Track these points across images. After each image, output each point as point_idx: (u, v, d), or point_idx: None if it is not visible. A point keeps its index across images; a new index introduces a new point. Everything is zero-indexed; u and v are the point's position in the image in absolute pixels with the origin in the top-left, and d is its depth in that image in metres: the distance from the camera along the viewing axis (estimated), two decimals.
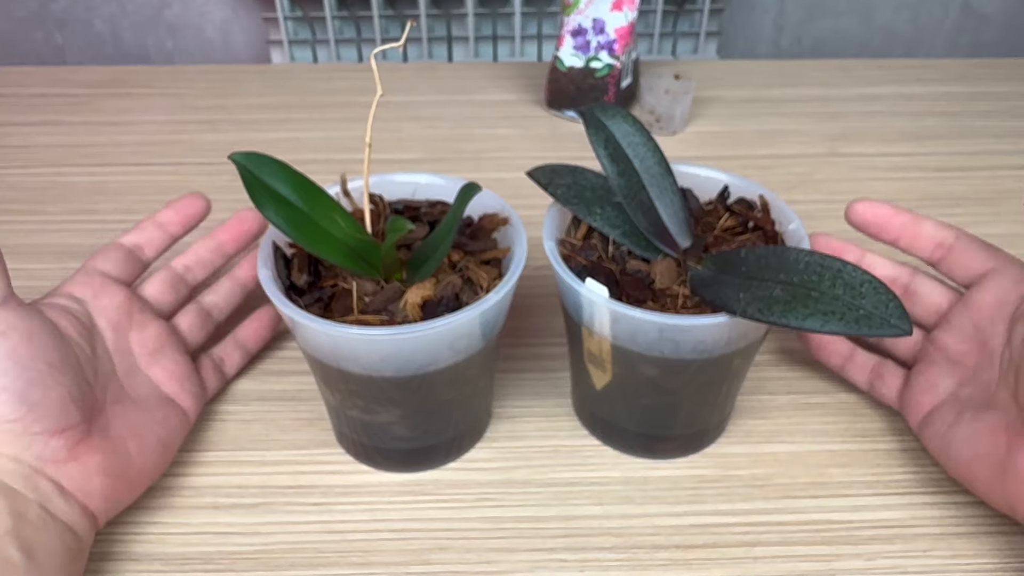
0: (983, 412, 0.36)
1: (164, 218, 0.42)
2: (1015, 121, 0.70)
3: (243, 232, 0.43)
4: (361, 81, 0.76)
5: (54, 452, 0.32)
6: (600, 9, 0.66)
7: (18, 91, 0.73)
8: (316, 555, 0.36)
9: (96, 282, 0.38)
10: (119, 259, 0.40)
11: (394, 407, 0.37)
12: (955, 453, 0.36)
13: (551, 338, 0.48)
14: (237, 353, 0.44)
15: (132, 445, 0.35)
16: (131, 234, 0.41)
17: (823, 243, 0.41)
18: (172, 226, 0.42)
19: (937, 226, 0.40)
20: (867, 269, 0.40)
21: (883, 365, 0.42)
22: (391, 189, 0.42)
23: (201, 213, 0.43)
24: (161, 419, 0.37)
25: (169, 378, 0.39)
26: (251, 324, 0.45)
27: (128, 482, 0.35)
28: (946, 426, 0.37)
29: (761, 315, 0.32)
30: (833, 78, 0.77)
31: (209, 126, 0.69)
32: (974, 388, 0.37)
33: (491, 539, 0.37)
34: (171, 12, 0.88)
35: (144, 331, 0.39)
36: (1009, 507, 0.34)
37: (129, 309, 0.39)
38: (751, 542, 0.37)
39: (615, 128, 0.40)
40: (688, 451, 0.41)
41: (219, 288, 0.44)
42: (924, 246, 0.40)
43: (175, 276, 0.42)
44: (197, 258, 0.43)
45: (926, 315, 0.40)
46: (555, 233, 0.39)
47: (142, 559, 0.36)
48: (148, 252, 0.41)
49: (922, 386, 0.39)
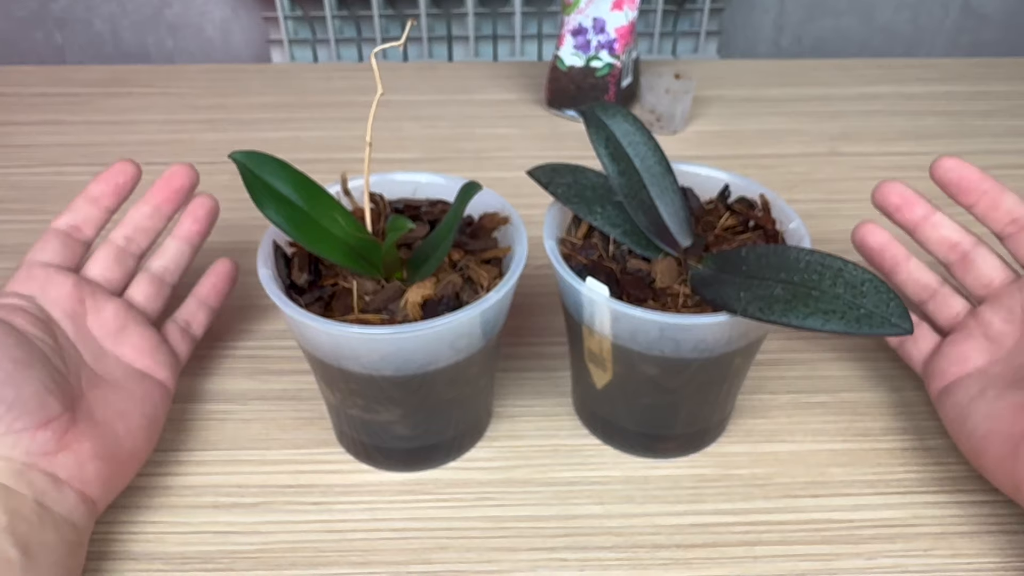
0: (1008, 391, 0.35)
1: (95, 192, 0.40)
2: (1015, 121, 0.70)
3: (177, 190, 0.42)
4: (361, 80, 0.76)
5: (43, 445, 0.32)
6: (600, 8, 0.66)
7: (18, 91, 0.73)
8: (316, 554, 0.36)
9: (40, 275, 0.37)
10: (57, 246, 0.39)
11: (394, 406, 0.37)
12: (971, 425, 0.36)
13: (551, 337, 0.48)
14: (201, 312, 0.43)
15: (119, 426, 0.35)
16: (64, 216, 0.39)
17: (895, 192, 0.40)
18: (105, 199, 0.40)
19: (1019, 202, 0.39)
20: (933, 227, 0.40)
21: (919, 326, 0.41)
22: (391, 188, 0.42)
23: (132, 180, 0.41)
24: (141, 396, 0.37)
25: (139, 354, 0.38)
26: (208, 280, 0.44)
27: (121, 463, 0.35)
28: (968, 398, 0.37)
29: (762, 314, 0.32)
30: (833, 78, 0.77)
31: (209, 125, 0.69)
32: (1005, 367, 0.37)
33: (492, 538, 0.37)
34: (171, 12, 0.88)
35: (101, 314, 0.38)
36: (1013, 488, 0.34)
37: (80, 295, 0.38)
38: (752, 541, 0.37)
39: (616, 127, 0.40)
40: (689, 450, 0.41)
41: (166, 251, 0.42)
42: (999, 217, 0.39)
43: (118, 250, 0.40)
44: (136, 226, 0.41)
45: (977, 286, 0.40)
46: (555, 232, 0.39)
47: (142, 558, 0.36)
48: (87, 231, 0.40)
49: (953, 356, 0.39)
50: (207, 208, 0.43)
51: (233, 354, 0.46)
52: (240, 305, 0.50)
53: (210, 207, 0.43)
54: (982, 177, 0.39)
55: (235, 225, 0.56)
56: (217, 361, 0.46)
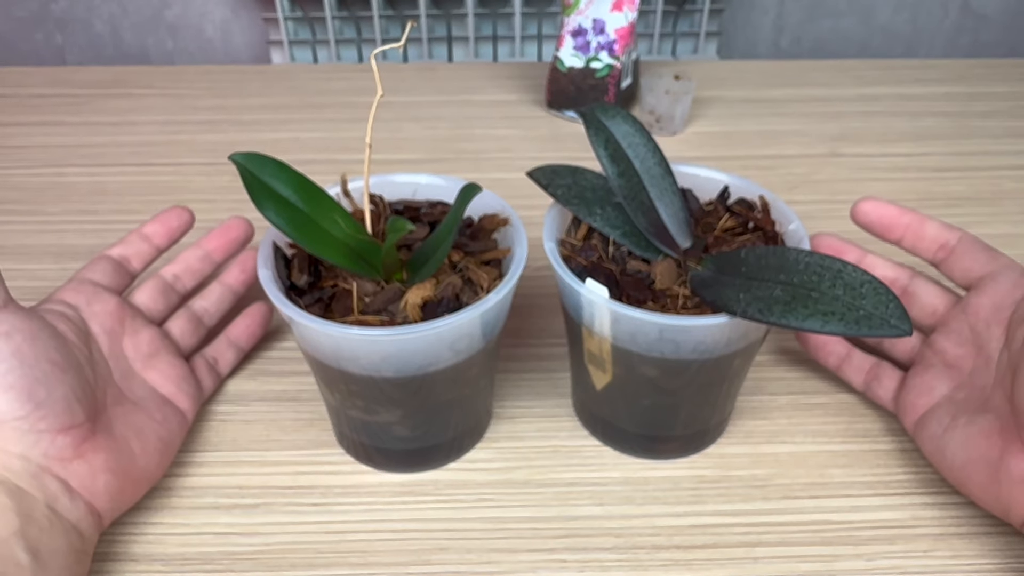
0: (978, 416, 0.35)
1: (149, 231, 0.42)
2: (1015, 121, 0.70)
3: (230, 240, 0.44)
4: (361, 81, 0.76)
5: (60, 450, 0.33)
6: (600, 9, 0.66)
7: (18, 91, 0.74)
8: (316, 555, 0.36)
9: (87, 290, 0.39)
10: (107, 270, 0.40)
11: (394, 407, 0.37)
12: (950, 456, 0.36)
13: (551, 338, 0.48)
14: (230, 352, 0.44)
15: (135, 444, 0.36)
16: (117, 247, 0.42)
17: (825, 243, 0.41)
18: (157, 238, 0.43)
19: (941, 227, 0.40)
20: (867, 269, 0.40)
21: (880, 367, 0.42)
22: (391, 189, 0.42)
23: (185, 226, 0.43)
24: (161, 420, 0.38)
25: (165, 380, 0.39)
26: (242, 322, 0.45)
27: (132, 481, 0.35)
28: (941, 429, 0.37)
29: (761, 316, 0.32)
30: (833, 78, 0.77)
31: (209, 126, 0.69)
32: (969, 392, 0.37)
33: (491, 539, 0.37)
34: (171, 12, 0.88)
35: (137, 336, 0.39)
36: (1003, 511, 0.34)
37: (121, 315, 0.39)
38: (751, 542, 0.37)
39: (615, 128, 0.40)
40: (688, 451, 0.41)
41: (209, 294, 0.44)
42: (927, 247, 0.40)
43: (165, 284, 0.42)
44: (186, 267, 0.43)
45: (924, 317, 0.40)
46: (555, 233, 0.39)
47: (142, 559, 0.36)
48: (135, 264, 0.42)
49: (918, 389, 0.39)
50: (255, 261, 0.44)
51: None
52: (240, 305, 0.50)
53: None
54: (900, 211, 0.40)
55: None
56: None
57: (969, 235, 0.40)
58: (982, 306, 0.38)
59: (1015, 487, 0.33)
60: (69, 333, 0.36)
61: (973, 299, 0.38)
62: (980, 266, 0.39)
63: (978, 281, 0.39)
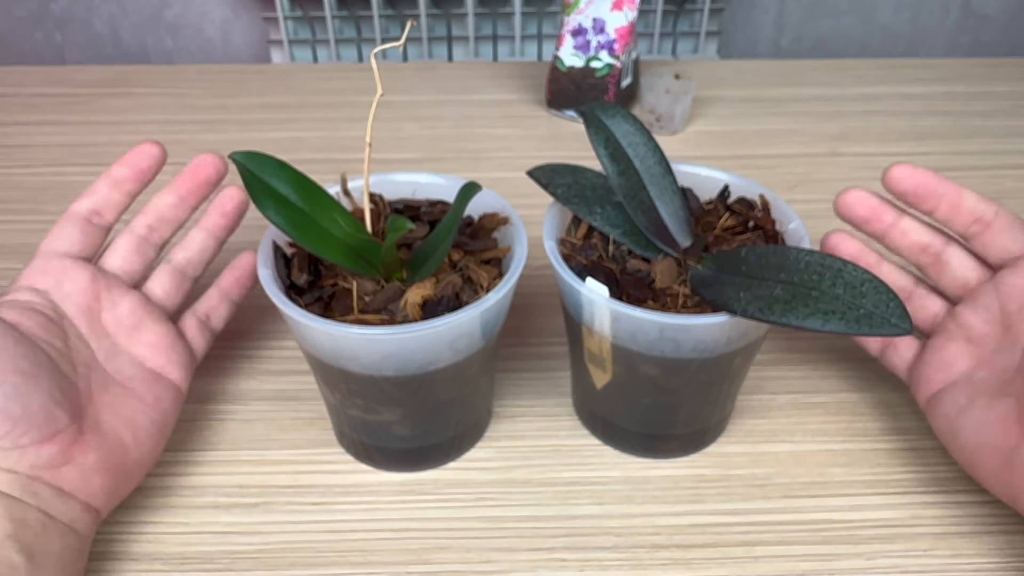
0: (996, 400, 0.35)
1: (118, 175, 0.38)
2: (1015, 121, 0.70)
3: (204, 181, 0.40)
4: (361, 81, 0.76)
5: (48, 459, 0.32)
6: (600, 9, 0.66)
7: (18, 91, 0.74)
8: (316, 555, 0.36)
9: (55, 267, 0.36)
10: (76, 234, 0.37)
11: (394, 406, 0.37)
12: (962, 439, 0.35)
13: (551, 337, 0.48)
14: (223, 306, 0.41)
15: (127, 436, 0.35)
16: (85, 199, 0.38)
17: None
18: (128, 183, 0.38)
19: (979, 200, 0.38)
20: (902, 235, 0.39)
21: None
22: (391, 189, 0.42)
23: (156, 163, 0.39)
24: (153, 401, 0.36)
25: (153, 352, 0.37)
26: (232, 273, 0.42)
27: (127, 473, 0.35)
28: (957, 409, 0.36)
29: (761, 314, 0.32)
30: (833, 78, 0.77)
31: (209, 126, 0.69)
32: (990, 372, 0.36)
33: (491, 539, 0.37)
34: (171, 12, 0.88)
35: (116, 308, 0.37)
36: (1012, 498, 0.33)
37: (96, 289, 0.36)
38: (751, 542, 0.37)
39: (615, 128, 0.40)
40: (688, 451, 0.41)
41: (190, 243, 0.40)
42: (963, 219, 0.38)
43: (139, 239, 0.39)
44: (159, 216, 0.39)
45: (953, 287, 0.39)
46: (555, 232, 0.39)
47: (142, 559, 0.36)
48: (107, 216, 0.38)
49: (937, 363, 0.38)
50: (236, 202, 0.41)
51: (233, 355, 0.46)
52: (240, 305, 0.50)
53: (239, 201, 0.41)
54: (938, 180, 0.38)
55: None
56: (217, 362, 0.46)
57: (1007, 211, 0.38)
58: (1016, 286, 0.36)
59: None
60: (36, 328, 0.34)
61: (1008, 277, 0.36)
62: (1019, 244, 0.37)
63: (1015, 260, 0.37)
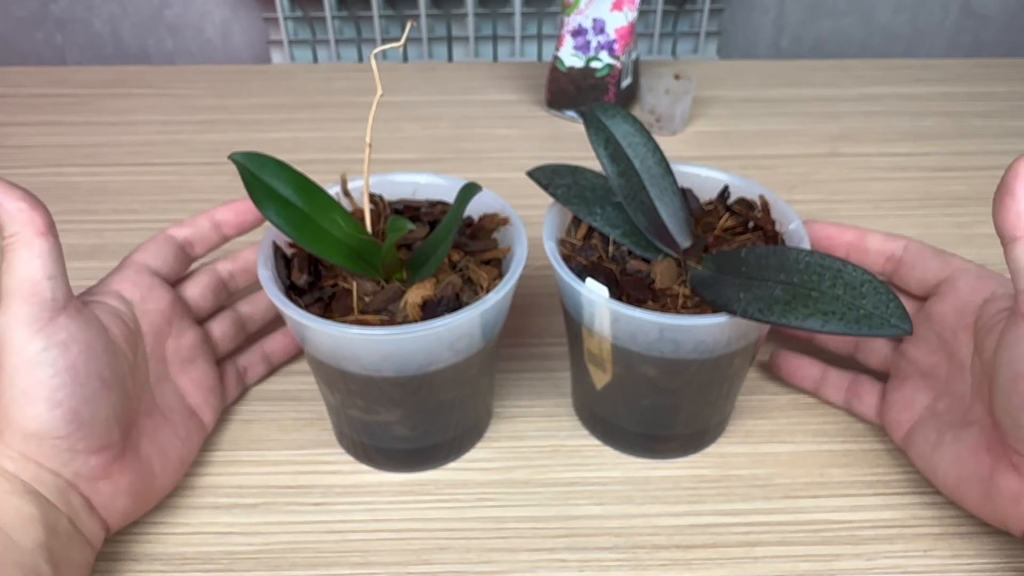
0: (963, 430, 0.35)
1: (220, 217, 0.40)
2: (1015, 121, 0.70)
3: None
4: (361, 81, 0.76)
5: (92, 470, 0.32)
6: (600, 9, 0.66)
7: (18, 91, 0.74)
8: (316, 555, 0.36)
9: (145, 282, 0.37)
10: (168, 255, 0.39)
11: (394, 407, 0.37)
12: (942, 475, 0.36)
13: (551, 338, 0.48)
14: (261, 365, 0.44)
15: (157, 465, 0.36)
16: (183, 228, 0.39)
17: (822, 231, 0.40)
18: (227, 227, 0.40)
19: (885, 239, 0.39)
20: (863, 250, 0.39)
21: (857, 382, 0.41)
22: (391, 189, 0.42)
23: (256, 222, 0.41)
24: (184, 437, 0.38)
25: (196, 390, 0.39)
26: (280, 337, 0.44)
27: (146, 501, 0.36)
28: (929, 446, 0.36)
29: (761, 315, 0.32)
30: (833, 78, 0.77)
31: (209, 126, 0.69)
32: (950, 401, 0.36)
33: (491, 539, 0.37)
34: (171, 12, 0.88)
35: (180, 339, 0.38)
36: (1002, 524, 0.34)
37: (171, 315, 0.38)
38: (751, 542, 0.37)
39: (615, 128, 0.40)
40: (688, 451, 0.41)
41: (257, 300, 0.43)
42: (874, 260, 0.39)
43: (218, 281, 0.41)
44: (244, 265, 0.42)
45: None
46: (555, 233, 0.39)
47: (142, 559, 0.36)
48: (198, 250, 0.40)
49: (899, 403, 0.38)
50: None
51: None
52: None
53: None
54: (841, 229, 0.39)
55: None
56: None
57: (915, 242, 0.39)
58: (945, 314, 0.37)
59: (1008, 505, 0.33)
60: (120, 337, 0.35)
61: (935, 307, 0.37)
62: (933, 273, 0.38)
63: (935, 288, 0.38)
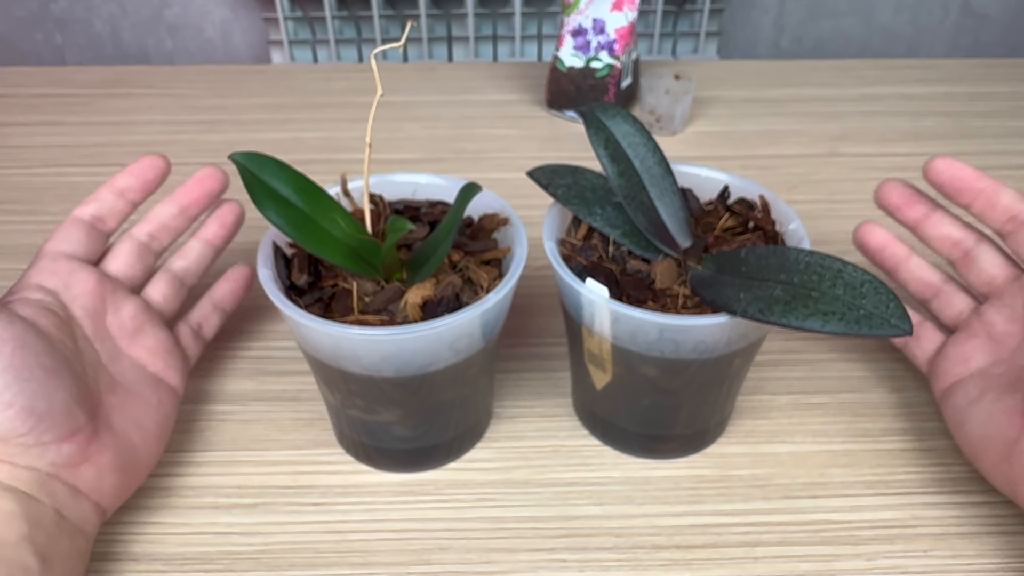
0: (1006, 394, 0.35)
1: (122, 183, 0.39)
2: (1015, 121, 0.70)
3: (206, 193, 0.41)
4: (361, 81, 0.76)
5: (68, 457, 0.32)
6: (600, 9, 0.66)
7: (18, 91, 0.73)
8: (316, 555, 0.36)
9: (63, 268, 0.36)
10: (81, 236, 0.38)
11: (394, 407, 0.37)
12: (968, 429, 0.36)
13: (551, 338, 0.48)
14: (215, 315, 0.43)
15: (136, 436, 0.35)
16: (89, 205, 0.39)
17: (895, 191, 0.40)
18: (132, 192, 0.40)
19: (1017, 198, 0.38)
20: (934, 226, 0.40)
21: (922, 325, 0.41)
22: (391, 189, 0.42)
23: (161, 175, 0.40)
24: (156, 404, 0.37)
25: (153, 357, 0.38)
26: (226, 284, 0.44)
27: (135, 473, 0.35)
28: (967, 401, 0.37)
29: (761, 315, 0.32)
30: (833, 78, 0.77)
31: (209, 126, 0.69)
32: (1007, 369, 0.37)
33: (491, 539, 0.37)
34: (171, 12, 0.88)
35: (120, 312, 0.38)
36: (1011, 489, 0.34)
37: (102, 291, 0.37)
38: (751, 542, 0.37)
39: (615, 128, 0.40)
40: (688, 451, 0.41)
41: (188, 252, 0.42)
42: (998, 216, 0.38)
43: (140, 245, 0.40)
44: (160, 224, 0.40)
45: (980, 283, 0.39)
46: (555, 233, 0.39)
47: (142, 559, 0.36)
48: (109, 223, 0.39)
49: (956, 357, 0.38)
50: (236, 214, 0.43)
51: (233, 355, 0.46)
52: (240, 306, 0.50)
53: (238, 213, 0.43)
54: (977, 175, 0.38)
55: None
56: (217, 362, 0.46)
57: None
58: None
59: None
60: (53, 328, 0.34)
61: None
62: None
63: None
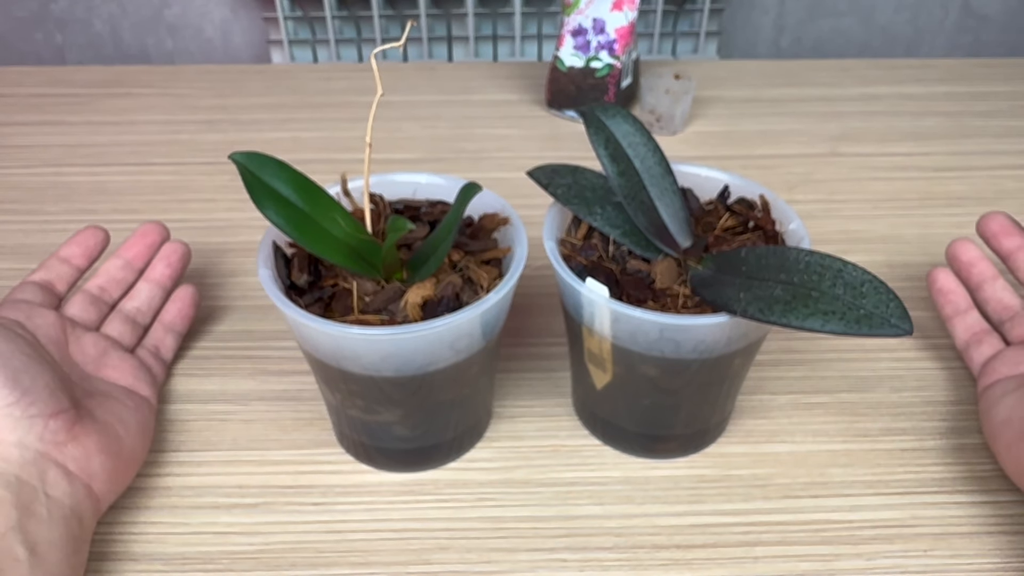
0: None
1: (66, 253, 0.43)
2: (1015, 121, 0.70)
3: (148, 246, 0.45)
4: (361, 81, 0.76)
5: (55, 433, 0.33)
6: (600, 9, 0.66)
7: (18, 91, 0.73)
8: (316, 555, 0.36)
9: (23, 308, 0.39)
10: (36, 291, 0.41)
11: (394, 407, 0.37)
12: (995, 414, 0.38)
13: (551, 338, 0.48)
14: (169, 337, 0.45)
15: (119, 428, 0.37)
16: (39, 272, 0.42)
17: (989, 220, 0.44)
18: (76, 259, 0.43)
19: None
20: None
21: (990, 333, 0.43)
22: (391, 189, 0.42)
23: (102, 245, 0.44)
24: (133, 407, 0.39)
25: (121, 375, 0.40)
26: (173, 307, 0.46)
27: (124, 462, 0.36)
28: (1003, 392, 0.38)
29: (761, 315, 0.32)
30: (833, 78, 0.77)
31: (209, 126, 0.69)
32: None
33: (491, 539, 0.37)
34: (171, 12, 0.88)
35: (81, 342, 0.40)
36: (1019, 472, 0.35)
37: (62, 325, 0.40)
38: (751, 542, 0.37)
39: (615, 128, 0.40)
40: (688, 451, 0.41)
41: (138, 294, 0.45)
42: None
43: (92, 297, 0.43)
44: (109, 278, 0.44)
45: None
46: (555, 233, 0.39)
47: (142, 559, 0.36)
48: (59, 287, 0.42)
49: (1009, 360, 0.40)
50: (180, 254, 0.46)
51: (233, 355, 0.46)
52: (240, 306, 0.50)
53: (182, 253, 0.46)
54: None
55: (235, 225, 0.56)
56: (217, 362, 0.46)
57: None
58: None
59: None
60: (28, 339, 0.36)
61: None
62: None
63: None
